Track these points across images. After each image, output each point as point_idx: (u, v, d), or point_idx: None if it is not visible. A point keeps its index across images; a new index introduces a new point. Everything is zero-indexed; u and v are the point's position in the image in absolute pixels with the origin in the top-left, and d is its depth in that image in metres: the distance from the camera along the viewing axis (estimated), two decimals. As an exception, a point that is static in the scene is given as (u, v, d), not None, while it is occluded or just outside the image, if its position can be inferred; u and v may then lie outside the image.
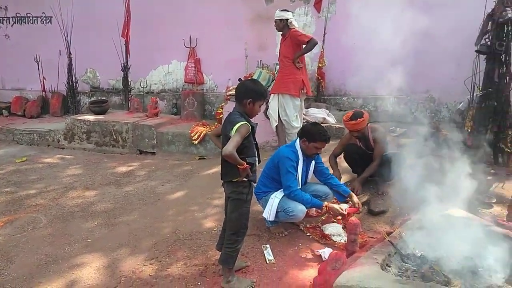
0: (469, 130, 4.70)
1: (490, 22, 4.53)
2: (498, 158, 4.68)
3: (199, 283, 2.88)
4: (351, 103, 7.05)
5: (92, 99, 8.38)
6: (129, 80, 7.80)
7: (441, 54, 5.51)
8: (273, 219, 3.43)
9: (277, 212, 3.41)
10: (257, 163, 2.77)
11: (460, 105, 5.58)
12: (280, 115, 5.32)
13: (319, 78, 6.86)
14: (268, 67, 6.70)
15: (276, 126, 5.42)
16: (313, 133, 3.41)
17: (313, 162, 3.62)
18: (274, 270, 3.01)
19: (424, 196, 3.97)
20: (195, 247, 3.36)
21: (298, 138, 3.52)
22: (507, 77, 4.56)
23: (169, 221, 3.88)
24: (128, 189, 4.86)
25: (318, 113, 6.31)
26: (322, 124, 6.03)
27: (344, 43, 6.75)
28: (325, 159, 4.35)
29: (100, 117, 7.15)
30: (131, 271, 3.07)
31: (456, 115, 5.66)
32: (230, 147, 2.45)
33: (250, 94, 2.62)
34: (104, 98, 8.27)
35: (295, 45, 5.12)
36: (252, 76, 6.37)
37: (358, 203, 3.55)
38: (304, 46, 5.10)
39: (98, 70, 8.62)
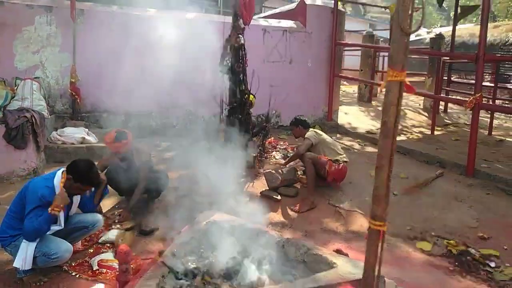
0: (222, 140, 5.29)
1: (228, 47, 5.24)
2: (247, 162, 5.46)
3: None
4: (112, 119, 6.74)
5: None
6: None
7: (197, 73, 5.95)
8: (29, 268, 2.84)
9: (34, 257, 2.84)
10: None
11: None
12: None
13: (73, 94, 6.24)
14: (5, 82, 5.58)
15: None
16: (83, 175, 2.95)
17: (78, 196, 3.19)
18: (34, 329, 2.50)
19: (191, 207, 4.21)
20: None
21: (61, 171, 3.01)
22: (246, 94, 5.39)
23: None
24: None
25: (76, 133, 5.73)
26: (82, 145, 5.60)
27: (99, 57, 6.43)
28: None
29: None
30: None
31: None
32: None
33: None
34: None
35: None
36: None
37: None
38: None
39: None
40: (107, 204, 4.26)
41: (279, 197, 4.61)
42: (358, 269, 2.56)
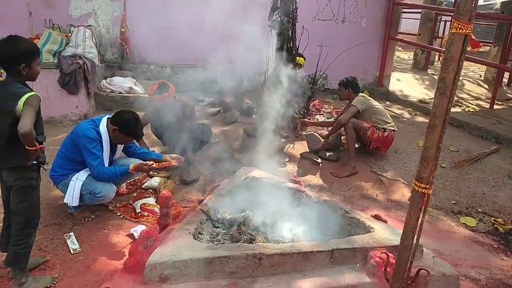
0: (266, 98, 5.21)
1: (279, 0, 5.02)
2: (289, 123, 5.38)
3: (-21, 295, 2.32)
4: (159, 71, 6.85)
5: None
6: None
7: (245, 27, 5.83)
8: (76, 204, 3.04)
9: (81, 195, 3.03)
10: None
11: None
12: None
13: (123, 44, 6.36)
14: (59, 28, 5.76)
15: None
16: (128, 126, 3.08)
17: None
18: (81, 259, 2.69)
19: (231, 162, 4.26)
20: (-30, 253, 2.69)
21: (106, 117, 3.13)
22: (294, 51, 5.22)
23: None
24: None
25: (124, 82, 5.89)
26: (129, 94, 5.75)
27: (149, 8, 6.44)
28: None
29: None
30: None
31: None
32: (30, 124, 1.99)
33: (19, 58, 2.15)
34: None
35: None
36: (39, 38, 5.39)
37: (174, 159, 3.45)
38: None
39: None
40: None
41: (319, 160, 4.54)
42: (395, 235, 2.49)
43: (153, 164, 3.21)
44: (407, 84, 8.49)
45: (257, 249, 2.24)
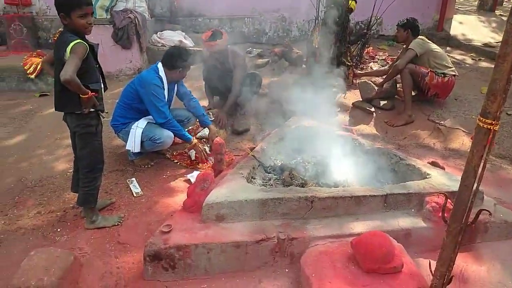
0: (316, 46, 5.03)
1: None
2: (341, 71, 5.19)
3: (58, 230, 2.59)
4: (207, 24, 6.81)
5: None
6: None
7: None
8: (138, 150, 3.22)
9: (142, 142, 3.20)
10: (103, 90, 2.46)
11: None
12: None
13: (171, -4, 6.35)
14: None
15: None
16: (182, 59, 3.18)
17: (175, 85, 3.43)
18: (143, 202, 2.89)
19: (281, 112, 4.24)
20: (49, 193, 2.98)
21: (160, 64, 3.24)
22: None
23: (11, 170, 3.32)
24: None
25: (174, 36, 5.94)
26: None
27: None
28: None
29: None
30: (-32, 233, 2.58)
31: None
32: (70, 71, 2.04)
33: (59, 7, 2.18)
34: None
35: None
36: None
37: (216, 136, 3.47)
38: None
39: None
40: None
41: (372, 109, 4.39)
42: (454, 182, 2.41)
43: (206, 154, 3.38)
44: (471, 28, 7.79)
45: (309, 192, 2.27)
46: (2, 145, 3.78)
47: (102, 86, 2.43)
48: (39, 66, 5.16)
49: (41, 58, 5.35)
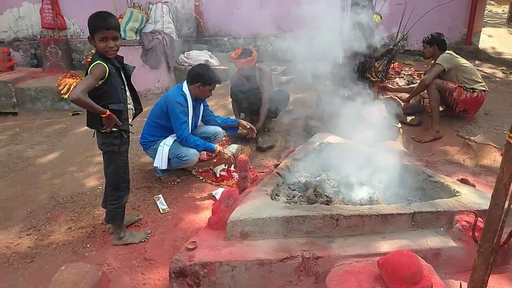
0: (341, 62, 5.03)
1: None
2: (366, 87, 5.16)
3: (88, 245, 2.66)
4: (232, 43, 6.97)
5: None
6: (-32, 29, 6.40)
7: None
8: (165, 167, 3.30)
9: (168, 159, 3.28)
10: (133, 111, 2.54)
11: None
12: None
13: (198, 18, 6.55)
14: (140, 7, 6.10)
15: None
16: (208, 76, 3.27)
17: (202, 105, 3.52)
18: (169, 218, 2.94)
19: (306, 128, 4.25)
20: (79, 209, 3.08)
21: (186, 82, 3.34)
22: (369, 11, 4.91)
23: (44, 186, 3.46)
24: (-13, 157, 4.15)
25: (200, 55, 6.10)
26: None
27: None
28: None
29: None
30: (4, 246, 2.69)
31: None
32: (78, 91, 2.11)
33: (89, 30, 2.28)
34: None
35: None
36: (122, 18, 5.76)
37: (248, 125, 3.63)
38: None
39: None
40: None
41: (399, 125, 4.32)
42: (485, 200, 2.33)
43: (231, 160, 3.38)
44: (501, 40, 7.61)
45: (334, 210, 2.24)
46: (38, 163, 3.95)
47: (132, 107, 2.51)
48: (72, 87, 5.40)
49: (74, 78, 5.61)
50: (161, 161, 3.24)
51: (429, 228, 2.27)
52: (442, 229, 2.27)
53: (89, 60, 2.47)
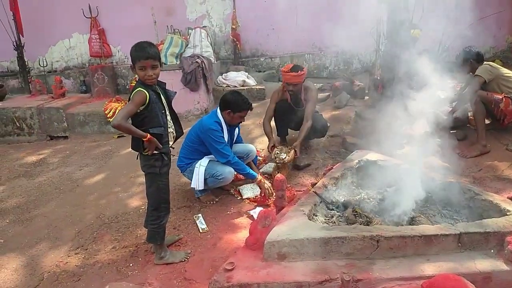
0: (378, 78, 4.97)
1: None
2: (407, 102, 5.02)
3: (131, 264, 2.75)
4: (268, 63, 7.08)
5: (-16, 85, 7.38)
6: (26, 60, 6.95)
7: (350, 5, 5.61)
8: (202, 188, 3.37)
9: (205, 179, 3.35)
10: (174, 134, 2.63)
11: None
12: None
13: (235, 40, 6.73)
14: (179, 32, 6.38)
15: None
16: (237, 103, 3.33)
17: (236, 130, 3.60)
18: (208, 237, 2.98)
19: (343, 146, 4.18)
20: (123, 229, 3.20)
21: (219, 108, 3.41)
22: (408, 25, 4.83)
23: (91, 207, 3.63)
24: (41, 179, 4.43)
25: (238, 76, 6.24)
26: (242, 87, 6.06)
27: (256, 2, 6.68)
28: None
29: (-3, 104, 6.34)
30: (54, 265, 2.84)
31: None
32: (119, 117, 2.26)
33: (131, 59, 2.41)
34: (-2, 82, 7.33)
35: None
36: (163, 43, 6.04)
37: (267, 185, 3.46)
38: None
39: (-16, 51, 7.56)
40: (264, 141, 4.57)
41: (442, 140, 4.15)
42: (540, 220, 2.17)
43: (270, 191, 3.40)
44: (552, 47, 7.16)
45: (374, 231, 2.18)
46: (86, 184, 4.17)
47: (173, 130, 2.61)
48: (117, 110, 5.68)
49: (119, 103, 5.91)
50: (198, 181, 3.32)
51: (477, 250, 2.14)
52: (492, 251, 2.13)
53: (133, 85, 2.61)
